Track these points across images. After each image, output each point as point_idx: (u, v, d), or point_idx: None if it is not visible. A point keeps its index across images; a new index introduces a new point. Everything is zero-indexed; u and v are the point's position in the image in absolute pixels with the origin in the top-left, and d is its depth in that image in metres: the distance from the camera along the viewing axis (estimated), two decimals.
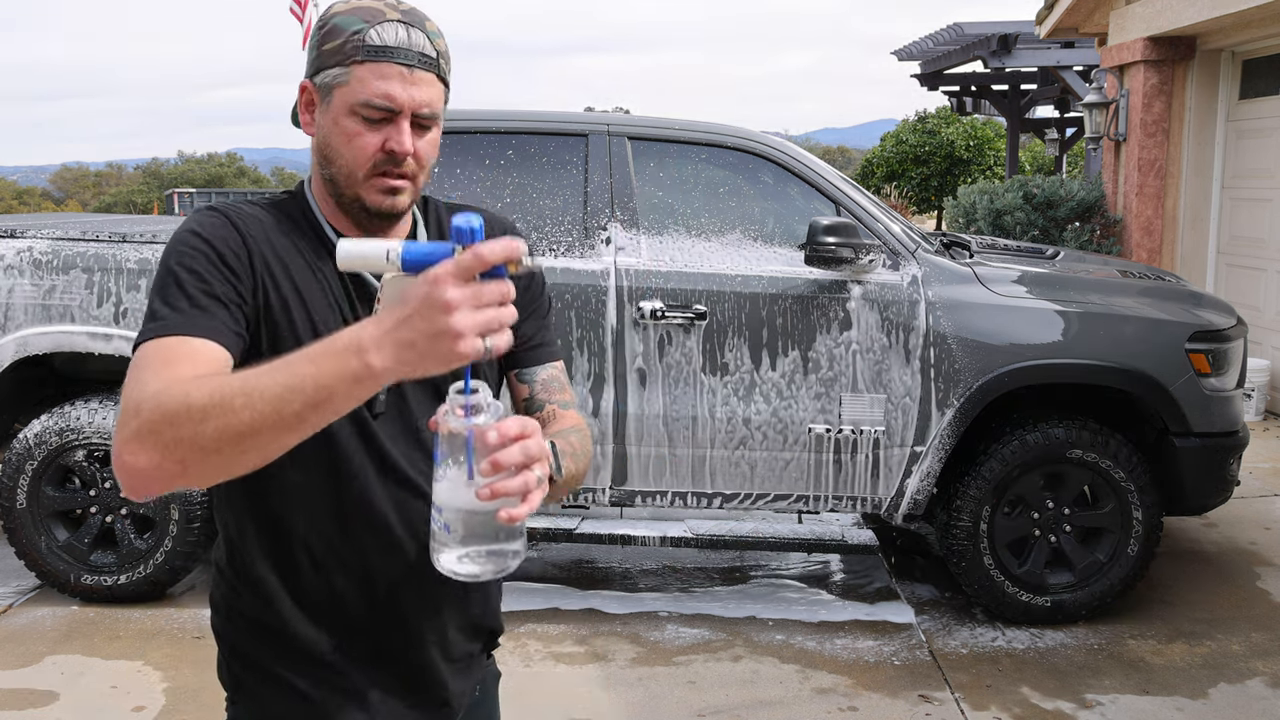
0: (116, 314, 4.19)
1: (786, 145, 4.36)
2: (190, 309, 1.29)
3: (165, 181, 51.32)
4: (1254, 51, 7.83)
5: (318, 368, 1.08)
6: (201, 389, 1.12)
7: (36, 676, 3.75)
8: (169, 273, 1.32)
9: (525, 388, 1.54)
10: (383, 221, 1.43)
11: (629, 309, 4.10)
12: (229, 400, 1.09)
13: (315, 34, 1.42)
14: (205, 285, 1.31)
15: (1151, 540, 4.14)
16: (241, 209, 1.41)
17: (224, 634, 1.50)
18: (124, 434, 1.15)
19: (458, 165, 4.25)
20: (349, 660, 1.46)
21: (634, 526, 4.47)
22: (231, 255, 1.34)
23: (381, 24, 1.36)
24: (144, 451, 1.13)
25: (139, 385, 1.19)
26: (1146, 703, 3.58)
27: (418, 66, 1.37)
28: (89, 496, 4.31)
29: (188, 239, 1.35)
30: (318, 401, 1.08)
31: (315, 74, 1.40)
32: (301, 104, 1.44)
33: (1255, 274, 7.80)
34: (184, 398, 1.12)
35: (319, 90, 1.40)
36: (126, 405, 1.17)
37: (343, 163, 1.39)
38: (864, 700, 3.59)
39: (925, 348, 4.06)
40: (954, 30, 13.44)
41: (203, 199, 29.26)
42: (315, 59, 1.40)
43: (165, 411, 1.12)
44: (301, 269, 1.40)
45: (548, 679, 3.70)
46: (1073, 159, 21.21)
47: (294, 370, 1.09)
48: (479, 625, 1.57)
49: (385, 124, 1.37)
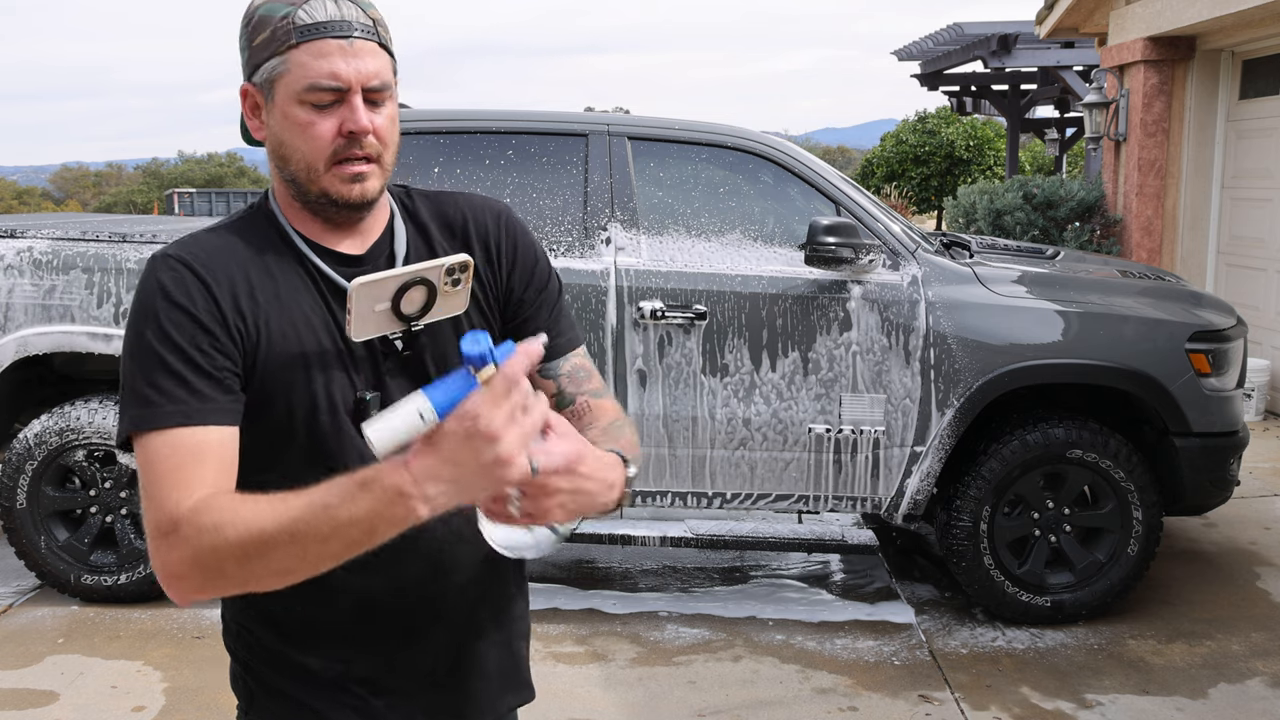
0: (116, 314, 4.19)
1: (786, 145, 4.36)
2: (184, 394, 1.24)
3: (165, 181, 51.32)
4: (1254, 51, 7.83)
5: (361, 513, 1.10)
6: (241, 527, 1.14)
7: (36, 676, 3.75)
8: (149, 350, 1.25)
9: (550, 383, 1.46)
10: (353, 213, 1.35)
11: (629, 309, 4.10)
12: (272, 541, 1.13)
13: (243, 33, 1.32)
14: (190, 362, 1.25)
15: (1151, 540, 4.14)
16: (203, 247, 1.32)
17: (237, 652, 1.45)
18: (165, 559, 1.19)
19: (458, 165, 4.25)
20: (368, 683, 1.41)
21: (634, 526, 4.47)
22: (208, 316, 1.27)
23: (308, 2, 1.27)
24: (192, 580, 1.18)
25: (161, 497, 1.20)
26: (1146, 703, 3.58)
27: (357, 37, 1.28)
28: (89, 496, 4.31)
29: (158, 306, 1.27)
30: (360, 543, 1.12)
31: (252, 73, 1.31)
32: (247, 110, 1.34)
33: (1255, 274, 7.80)
34: (224, 541, 1.15)
35: (260, 89, 1.31)
36: (158, 520, 1.20)
37: (299, 157, 1.30)
38: (864, 700, 3.59)
39: (925, 348, 4.06)
40: (954, 30, 13.44)
41: (203, 199, 29.26)
42: (249, 58, 1.31)
43: (208, 546, 1.16)
44: (275, 290, 1.32)
45: (548, 679, 3.70)
46: (1073, 159, 21.22)
47: (337, 516, 1.10)
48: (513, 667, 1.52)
49: (337, 106, 1.28)
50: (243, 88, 1.33)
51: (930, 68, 15.44)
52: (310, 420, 1.32)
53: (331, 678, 1.39)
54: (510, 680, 1.52)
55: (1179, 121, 8.33)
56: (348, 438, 1.32)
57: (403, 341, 1.34)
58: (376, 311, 1.27)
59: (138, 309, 1.28)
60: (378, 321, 1.28)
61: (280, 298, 1.32)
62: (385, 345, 1.34)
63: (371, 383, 1.34)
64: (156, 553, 1.20)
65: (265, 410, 1.30)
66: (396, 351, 1.35)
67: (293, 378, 1.30)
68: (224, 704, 3.50)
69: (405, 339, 1.34)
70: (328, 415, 1.32)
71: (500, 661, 1.50)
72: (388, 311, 1.28)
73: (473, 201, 1.48)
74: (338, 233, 1.37)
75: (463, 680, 1.45)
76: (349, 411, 1.33)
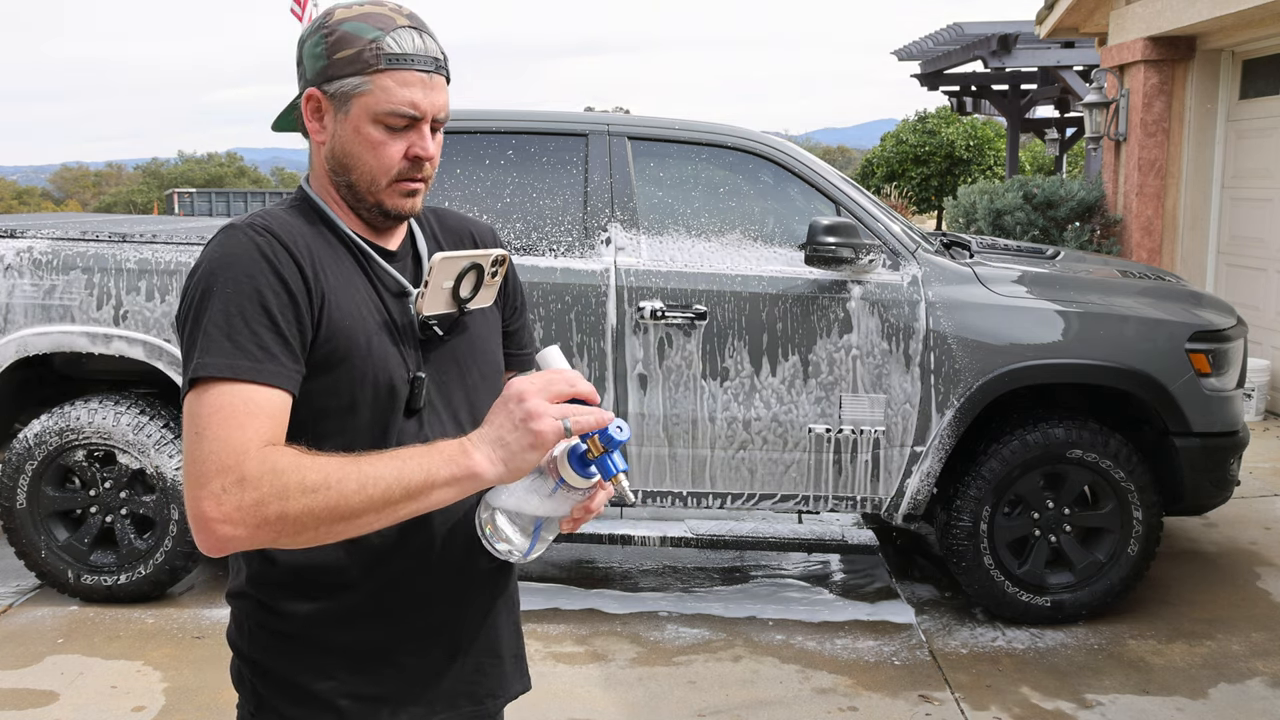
0: (116, 315, 4.19)
1: (786, 145, 4.36)
2: (260, 353, 1.29)
3: (165, 181, 51.32)
4: (1254, 51, 7.83)
5: (427, 464, 1.24)
6: (316, 469, 1.22)
7: (36, 676, 3.75)
8: (234, 305, 1.30)
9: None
10: (396, 222, 1.48)
11: (629, 309, 4.10)
12: (343, 483, 1.22)
13: (319, 41, 1.40)
14: (274, 325, 1.30)
15: (1151, 540, 4.14)
16: (283, 223, 1.39)
17: (247, 652, 1.46)
18: (217, 503, 1.21)
19: (458, 165, 4.24)
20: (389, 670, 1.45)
21: (634, 526, 4.47)
22: (295, 284, 1.33)
23: (396, 31, 1.38)
24: (244, 525, 1.21)
25: (225, 438, 1.23)
26: (1146, 703, 3.58)
27: (434, 71, 1.41)
28: (89, 496, 4.31)
29: (251, 265, 1.32)
30: (419, 494, 1.24)
31: (325, 82, 1.40)
32: (308, 112, 1.43)
33: (1255, 274, 7.80)
34: (299, 473, 1.22)
35: (333, 99, 1.40)
36: (222, 459, 1.22)
37: (365, 170, 1.41)
38: (864, 700, 3.59)
39: (925, 348, 4.06)
40: (954, 30, 13.45)
41: (203, 199, 29.23)
42: (324, 67, 1.39)
43: (278, 486, 1.20)
44: (337, 271, 1.40)
45: (548, 679, 3.70)
46: (1073, 159, 21.22)
47: (405, 464, 1.24)
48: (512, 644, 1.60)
49: (408, 130, 1.40)
50: (310, 91, 1.42)
51: (930, 68, 15.44)
52: (371, 394, 1.39)
53: (354, 664, 1.43)
54: (520, 664, 1.61)
55: (1179, 121, 8.33)
56: (400, 413, 1.41)
57: (442, 327, 1.46)
58: (444, 289, 1.43)
59: (226, 263, 1.32)
60: (443, 299, 1.44)
61: (341, 279, 1.41)
62: (425, 330, 1.45)
63: (417, 363, 1.44)
64: (208, 497, 1.21)
65: (326, 381, 1.37)
66: (437, 337, 1.46)
67: (353, 354, 1.38)
68: (224, 704, 3.50)
69: (443, 324, 1.47)
70: (386, 390, 1.40)
71: (513, 646, 1.59)
72: (449, 291, 1.44)
73: (466, 218, 1.65)
74: (373, 231, 1.49)
75: (481, 657, 1.53)
76: (405, 386, 1.42)
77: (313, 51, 1.41)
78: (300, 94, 1.45)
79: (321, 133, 1.43)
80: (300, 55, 1.44)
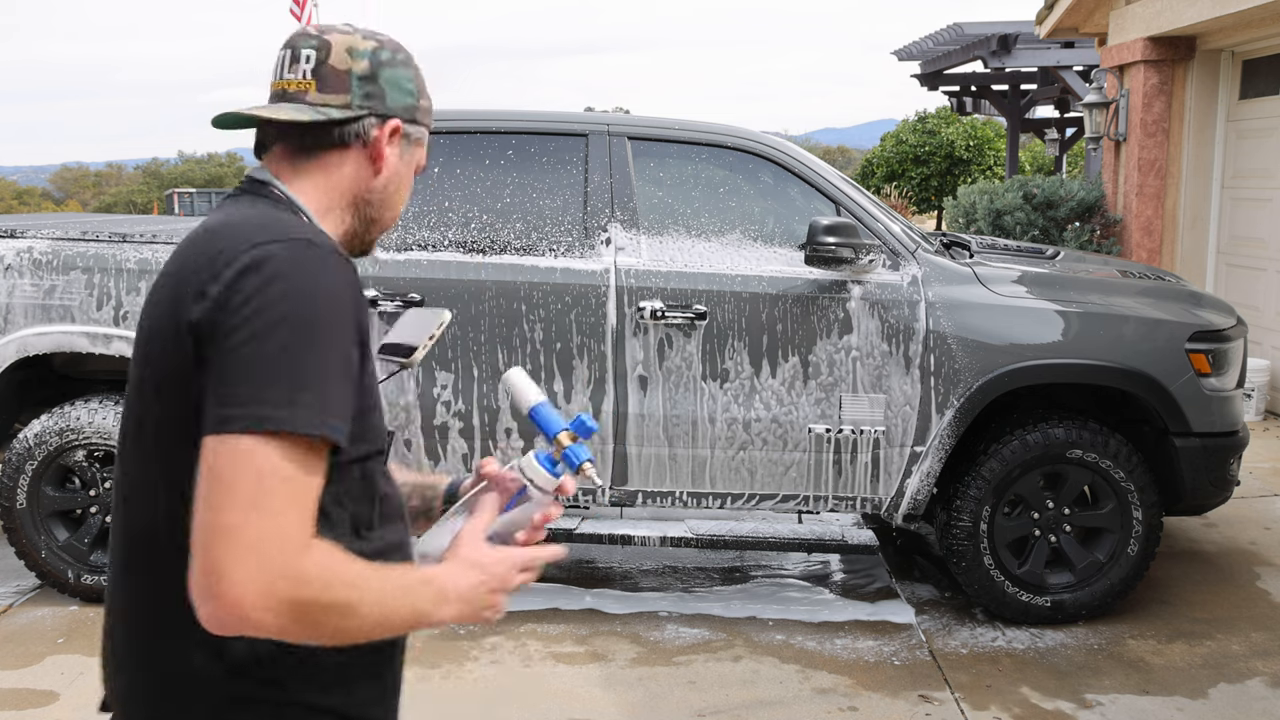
0: (116, 315, 4.19)
1: (786, 145, 4.36)
2: (343, 408, 1.16)
3: (165, 181, 51.36)
4: (1254, 51, 7.83)
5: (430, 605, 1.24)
6: (351, 588, 1.15)
7: (36, 676, 3.75)
8: (338, 353, 1.15)
9: None
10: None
11: (629, 309, 4.10)
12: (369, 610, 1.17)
13: (412, 78, 1.39)
14: (353, 373, 1.19)
15: (1151, 540, 4.14)
16: (340, 251, 1.26)
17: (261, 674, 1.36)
18: (265, 598, 1.08)
19: (458, 166, 4.24)
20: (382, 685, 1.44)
21: (634, 526, 4.47)
22: (365, 337, 1.22)
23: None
24: (279, 623, 1.11)
25: (291, 519, 1.10)
26: (1146, 703, 3.58)
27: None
28: (89, 496, 4.31)
29: (344, 297, 1.18)
30: (413, 626, 1.25)
31: (410, 122, 1.41)
32: (384, 135, 1.37)
33: (1255, 274, 7.80)
34: (345, 595, 1.15)
35: (405, 139, 1.41)
36: (280, 543, 1.08)
37: (393, 214, 1.43)
38: (864, 700, 3.59)
39: (925, 348, 4.06)
40: (954, 30, 13.45)
41: (203, 199, 29.24)
42: (412, 107, 1.40)
43: (325, 602, 1.13)
44: None
45: (548, 679, 3.70)
46: (1073, 159, 21.23)
47: (415, 601, 1.23)
48: None
49: None
50: (395, 123, 1.38)
51: (930, 68, 15.44)
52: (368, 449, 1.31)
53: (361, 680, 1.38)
54: None
55: (1179, 121, 8.33)
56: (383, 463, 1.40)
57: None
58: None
59: (333, 294, 1.17)
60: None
61: None
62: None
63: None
64: (242, 579, 1.06)
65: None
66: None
67: (374, 411, 1.32)
68: None
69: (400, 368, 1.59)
70: (378, 446, 1.35)
71: None
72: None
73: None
74: None
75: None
76: (387, 440, 1.40)
77: (402, 84, 1.39)
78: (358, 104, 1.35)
79: (385, 164, 1.38)
80: (374, 71, 1.36)
